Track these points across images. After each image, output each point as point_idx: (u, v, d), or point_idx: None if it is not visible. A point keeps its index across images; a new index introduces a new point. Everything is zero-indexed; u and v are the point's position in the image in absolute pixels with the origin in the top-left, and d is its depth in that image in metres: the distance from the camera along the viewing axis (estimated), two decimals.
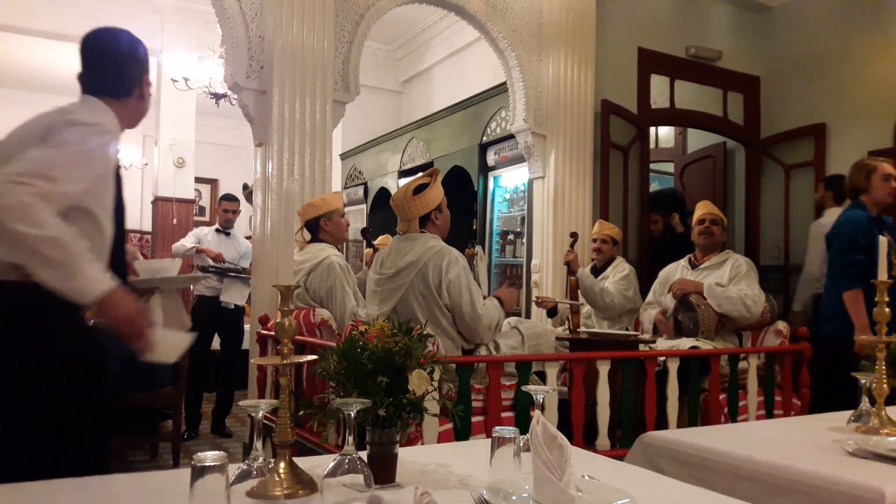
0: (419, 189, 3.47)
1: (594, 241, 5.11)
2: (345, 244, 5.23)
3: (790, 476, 1.76)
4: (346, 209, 5.37)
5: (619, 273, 4.91)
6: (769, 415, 4.15)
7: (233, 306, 5.91)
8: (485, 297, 3.58)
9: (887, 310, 2.22)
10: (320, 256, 4.02)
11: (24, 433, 1.85)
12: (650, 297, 4.79)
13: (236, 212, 6.28)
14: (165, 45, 8.31)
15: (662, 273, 4.79)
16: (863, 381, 2.21)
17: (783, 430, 2.38)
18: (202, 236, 6.18)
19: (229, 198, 6.30)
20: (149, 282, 2.40)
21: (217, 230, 6.22)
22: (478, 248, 3.97)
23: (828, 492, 1.68)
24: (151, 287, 2.39)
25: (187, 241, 6.14)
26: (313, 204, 4.21)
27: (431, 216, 3.51)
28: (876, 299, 2.20)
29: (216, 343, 6.05)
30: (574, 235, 4.94)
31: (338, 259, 4.04)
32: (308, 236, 4.18)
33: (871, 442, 1.92)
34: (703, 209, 4.67)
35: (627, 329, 4.81)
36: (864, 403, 2.22)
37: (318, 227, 4.15)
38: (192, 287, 6.24)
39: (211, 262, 5.91)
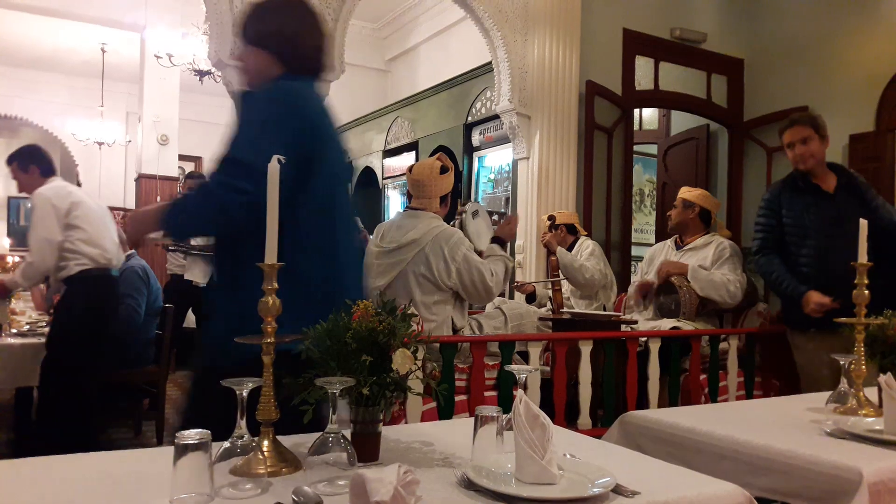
0: (443, 170, 3.59)
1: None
2: None
3: (769, 455, 1.78)
4: None
5: (585, 251, 4.93)
6: (749, 395, 4.20)
7: (202, 284, 5.83)
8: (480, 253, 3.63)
9: (867, 292, 2.23)
10: None
11: None
12: (637, 276, 4.83)
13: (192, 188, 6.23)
14: (149, 22, 8.21)
15: (649, 252, 4.83)
16: (842, 363, 2.24)
17: (763, 410, 2.40)
18: None
19: (191, 175, 6.28)
20: None
21: None
22: (469, 205, 3.95)
23: (806, 471, 1.70)
24: None
25: None
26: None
27: (448, 197, 3.65)
28: (856, 281, 2.22)
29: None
30: (551, 218, 4.99)
31: None
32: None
33: (849, 423, 1.94)
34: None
35: (605, 307, 4.84)
36: (843, 384, 2.25)
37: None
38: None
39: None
